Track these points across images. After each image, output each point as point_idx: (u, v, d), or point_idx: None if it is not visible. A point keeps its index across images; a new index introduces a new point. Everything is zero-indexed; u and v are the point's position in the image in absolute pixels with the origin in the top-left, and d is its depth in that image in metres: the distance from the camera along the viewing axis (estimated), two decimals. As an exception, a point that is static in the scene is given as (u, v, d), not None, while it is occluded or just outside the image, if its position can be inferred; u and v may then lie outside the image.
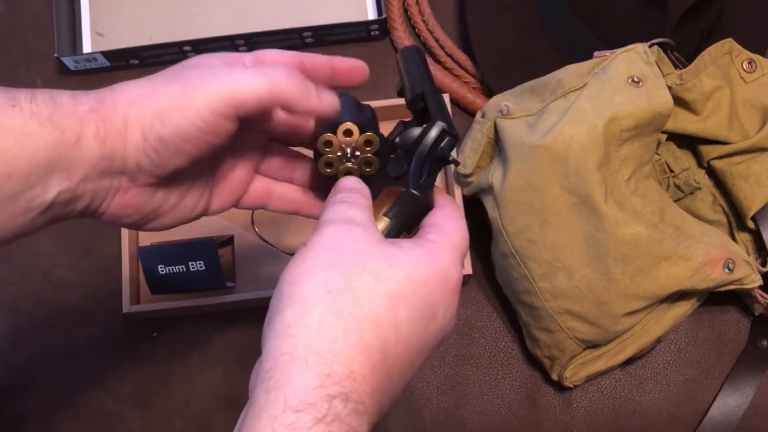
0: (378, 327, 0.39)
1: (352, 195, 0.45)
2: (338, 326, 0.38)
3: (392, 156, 0.49)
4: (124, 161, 0.43)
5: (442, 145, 0.49)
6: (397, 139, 0.50)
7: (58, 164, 0.41)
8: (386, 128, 0.49)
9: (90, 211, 0.45)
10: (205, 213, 0.51)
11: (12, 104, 0.41)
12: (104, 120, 0.42)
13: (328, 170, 0.48)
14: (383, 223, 0.46)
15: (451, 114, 0.50)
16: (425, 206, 0.48)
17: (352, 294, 0.39)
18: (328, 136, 0.47)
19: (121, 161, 0.43)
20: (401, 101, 0.81)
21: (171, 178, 0.46)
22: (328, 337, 0.38)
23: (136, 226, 0.49)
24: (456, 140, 0.49)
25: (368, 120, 0.49)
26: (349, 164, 0.48)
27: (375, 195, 0.48)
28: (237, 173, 0.51)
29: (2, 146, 0.40)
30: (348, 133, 0.47)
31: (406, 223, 0.47)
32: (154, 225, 0.49)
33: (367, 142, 0.48)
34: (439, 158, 0.49)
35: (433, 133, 0.49)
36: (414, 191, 0.47)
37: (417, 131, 0.49)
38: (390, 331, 0.39)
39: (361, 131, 0.47)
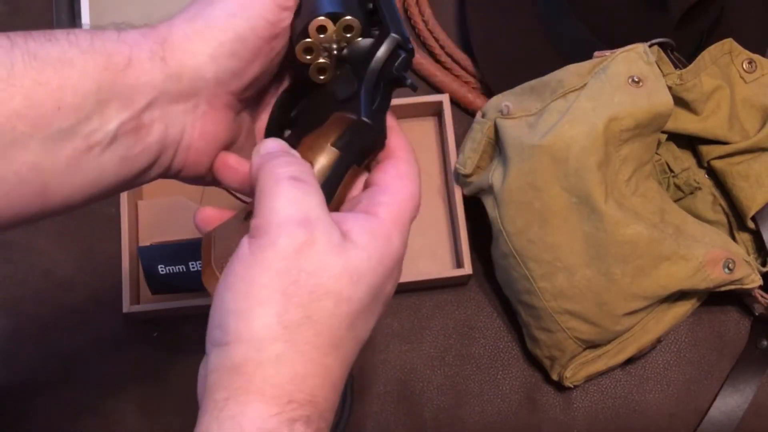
0: (338, 347, 0.37)
1: (297, 162, 0.40)
2: (298, 358, 0.36)
3: (339, 73, 0.44)
4: (199, 76, 0.41)
5: (396, 64, 0.42)
6: (344, 51, 0.43)
7: (111, 91, 0.39)
8: None
9: (169, 150, 0.42)
10: None
11: (48, 38, 0.39)
12: (160, 40, 0.40)
13: (308, 57, 0.43)
14: (331, 155, 0.42)
15: (403, 23, 0.43)
16: (378, 136, 0.43)
17: (311, 323, 0.36)
18: (306, 43, 0.42)
19: (193, 78, 0.41)
20: (405, 101, 0.81)
21: (244, 94, 0.43)
22: (287, 371, 0.36)
23: (212, 171, 0.45)
24: (411, 57, 0.42)
25: (339, 0, 0.43)
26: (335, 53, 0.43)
27: (323, 118, 0.43)
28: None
29: (43, 78, 0.37)
30: (322, 29, 0.42)
31: (356, 156, 0.43)
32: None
33: (347, 29, 0.42)
34: (393, 79, 0.42)
35: (384, 48, 0.42)
36: (366, 119, 0.41)
37: (367, 43, 0.43)
38: (349, 344, 0.38)
39: (335, 20, 0.42)
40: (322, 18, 0.42)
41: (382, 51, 0.42)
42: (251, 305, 0.36)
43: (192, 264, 0.75)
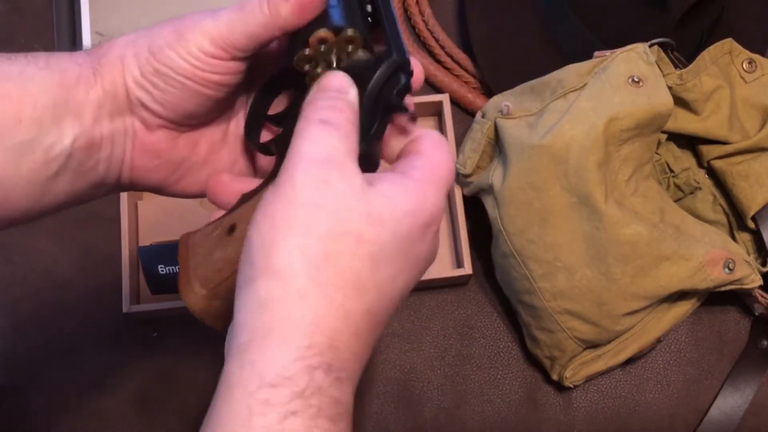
0: (360, 292, 0.36)
1: (335, 107, 0.39)
2: (319, 297, 0.35)
3: None
4: (127, 97, 0.42)
5: (396, 89, 0.41)
6: (343, 63, 0.41)
7: (66, 106, 0.40)
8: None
9: (115, 165, 0.43)
10: (252, 171, 0.47)
11: (8, 58, 0.41)
12: (101, 57, 0.42)
13: (306, 67, 0.42)
14: None
15: (404, 43, 0.41)
16: (373, 162, 0.41)
17: (333, 260, 0.36)
18: (305, 54, 0.41)
19: (124, 97, 0.42)
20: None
21: (194, 124, 0.44)
22: (309, 310, 0.35)
23: (169, 184, 0.46)
24: (410, 81, 0.41)
25: (342, 12, 0.41)
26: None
27: None
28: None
29: (5, 91, 0.39)
30: (323, 41, 0.41)
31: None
32: (190, 182, 0.46)
33: (349, 41, 0.41)
34: (391, 106, 0.41)
35: (383, 70, 0.40)
36: (361, 148, 0.40)
37: (366, 57, 0.41)
38: (372, 294, 0.37)
39: (337, 32, 0.41)
40: (324, 30, 0.41)
41: (381, 73, 0.40)
42: (275, 238, 0.36)
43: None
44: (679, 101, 0.70)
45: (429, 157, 0.41)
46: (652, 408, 0.77)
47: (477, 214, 0.75)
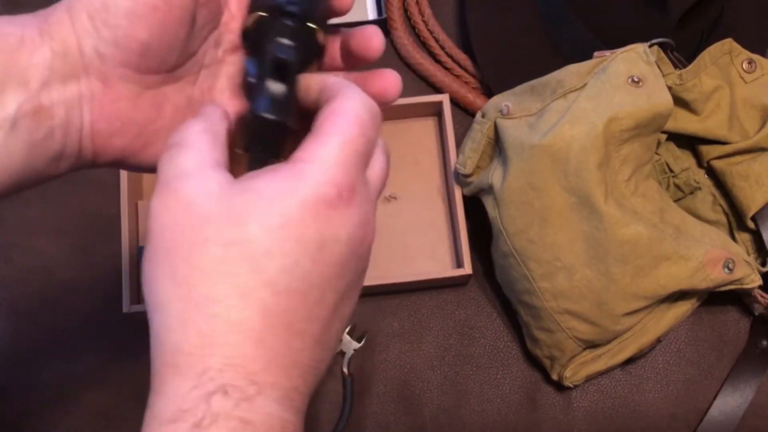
0: (245, 296, 0.33)
1: (189, 129, 0.36)
2: (199, 316, 0.33)
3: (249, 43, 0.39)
4: (81, 54, 0.38)
5: (282, 40, 0.37)
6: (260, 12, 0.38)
7: (7, 73, 0.37)
8: (387, 128, 0.46)
9: (73, 133, 0.39)
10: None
11: None
12: (48, 16, 0.38)
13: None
14: (241, 159, 0.38)
15: None
16: (286, 127, 0.38)
17: (201, 276, 0.33)
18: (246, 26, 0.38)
19: (76, 55, 0.38)
20: (405, 101, 0.81)
21: (154, 71, 0.40)
22: (193, 332, 0.33)
23: (134, 151, 0.41)
24: (300, 25, 0.37)
25: None
26: None
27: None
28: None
29: None
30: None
31: (271, 151, 0.38)
32: (157, 150, 0.41)
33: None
34: (280, 65, 0.37)
35: (273, 29, 0.37)
36: (265, 114, 0.37)
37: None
38: (264, 292, 0.33)
39: (303, 19, 0.38)
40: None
41: (270, 33, 0.37)
42: (150, 271, 0.34)
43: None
44: (679, 101, 0.71)
45: (324, 116, 0.36)
46: (652, 408, 0.77)
47: (477, 214, 0.75)
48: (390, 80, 0.42)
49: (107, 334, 0.79)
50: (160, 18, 0.38)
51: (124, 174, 0.77)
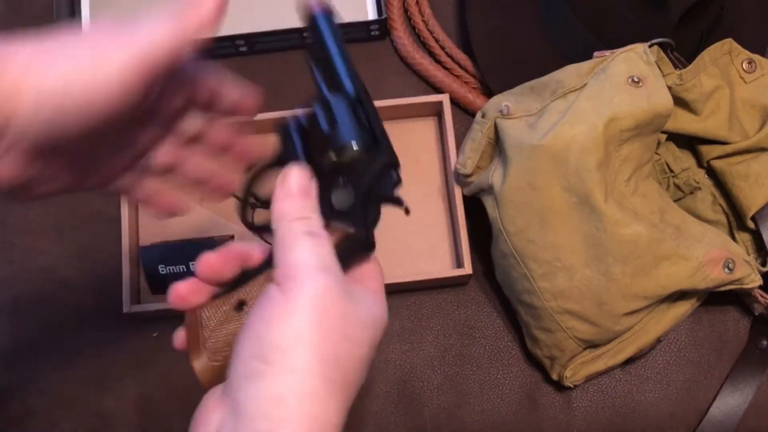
0: (354, 387, 0.41)
1: (309, 217, 0.43)
2: (329, 395, 0.39)
3: (337, 181, 0.46)
4: (6, 127, 0.38)
5: (389, 183, 0.45)
6: (332, 156, 0.45)
7: None
8: (388, 128, 0.47)
9: None
10: (102, 185, 0.48)
11: None
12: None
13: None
14: None
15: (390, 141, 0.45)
16: (368, 246, 0.46)
17: (339, 363, 0.40)
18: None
19: (2, 126, 0.38)
20: (405, 101, 0.81)
21: (58, 148, 0.41)
22: (320, 407, 0.39)
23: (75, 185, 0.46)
24: (398, 176, 0.45)
25: (348, 129, 0.46)
26: None
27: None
28: (145, 136, 0.48)
29: None
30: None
31: (347, 265, 0.45)
32: (21, 198, 0.45)
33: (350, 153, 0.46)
34: (385, 198, 0.45)
35: (378, 168, 0.45)
36: (361, 233, 0.45)
37: (360, 154, 0.45)
38: (354, 388, 0.41)
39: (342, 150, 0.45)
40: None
41: (376, 169, 0.45)
42: (290, 338, 0.39)
43: (192, 264, 0.75)
44: (679, 101, 0.71)
45: (376, 269, 0.47)
46: (652, 408, 0.77)
47: (477, 214, 0.75)
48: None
49: (107, 334, 0.79)
50: (110, 119, 0.40)
51: (124, 174, 0.77)
